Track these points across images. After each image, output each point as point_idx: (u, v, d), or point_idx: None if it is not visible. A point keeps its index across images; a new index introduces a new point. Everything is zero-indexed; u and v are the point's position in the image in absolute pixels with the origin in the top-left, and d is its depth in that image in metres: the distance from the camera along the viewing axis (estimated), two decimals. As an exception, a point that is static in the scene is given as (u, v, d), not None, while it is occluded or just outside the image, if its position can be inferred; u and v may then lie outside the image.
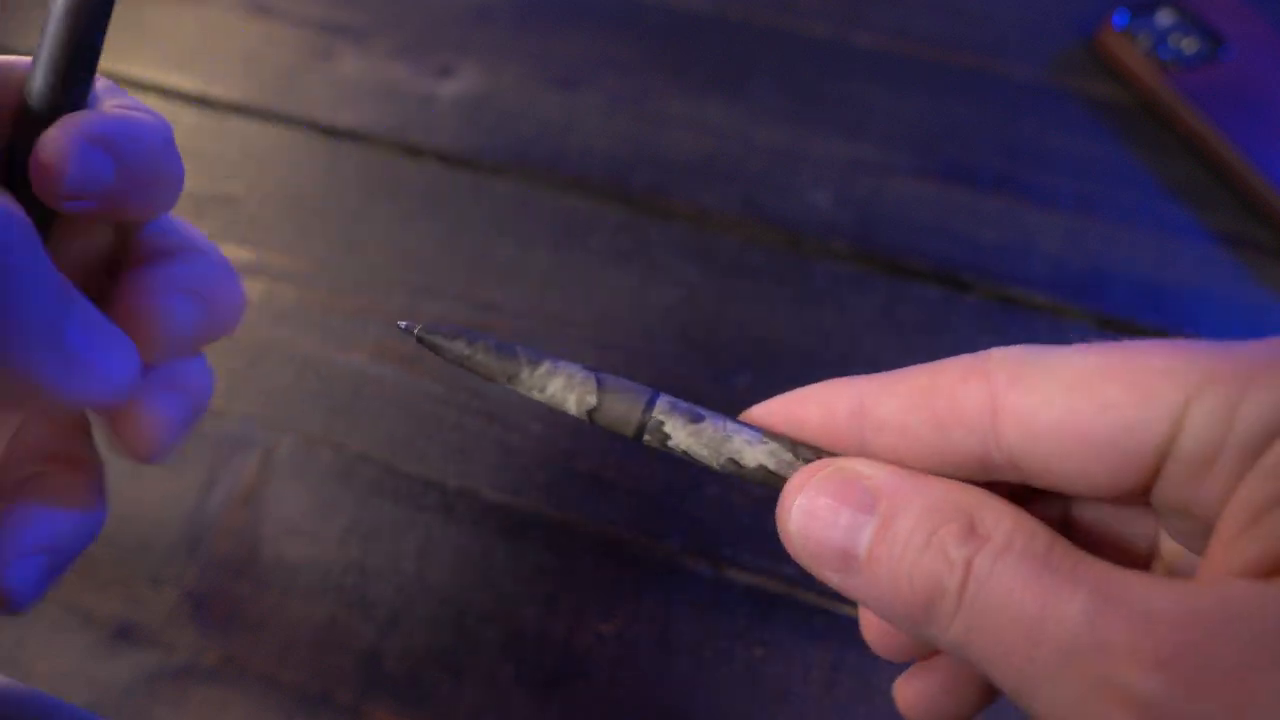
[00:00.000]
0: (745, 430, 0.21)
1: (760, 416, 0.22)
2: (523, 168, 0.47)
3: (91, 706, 0.32)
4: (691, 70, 0.51)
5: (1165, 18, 0.50)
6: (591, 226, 0.45)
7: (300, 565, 0.35)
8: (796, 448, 0.21)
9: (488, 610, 0.34)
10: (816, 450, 0.21)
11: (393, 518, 0.37)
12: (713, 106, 0.49)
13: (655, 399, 0.22)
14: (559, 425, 0.39)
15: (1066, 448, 0.18)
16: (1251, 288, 0.43)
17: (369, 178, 0.47)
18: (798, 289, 0.43)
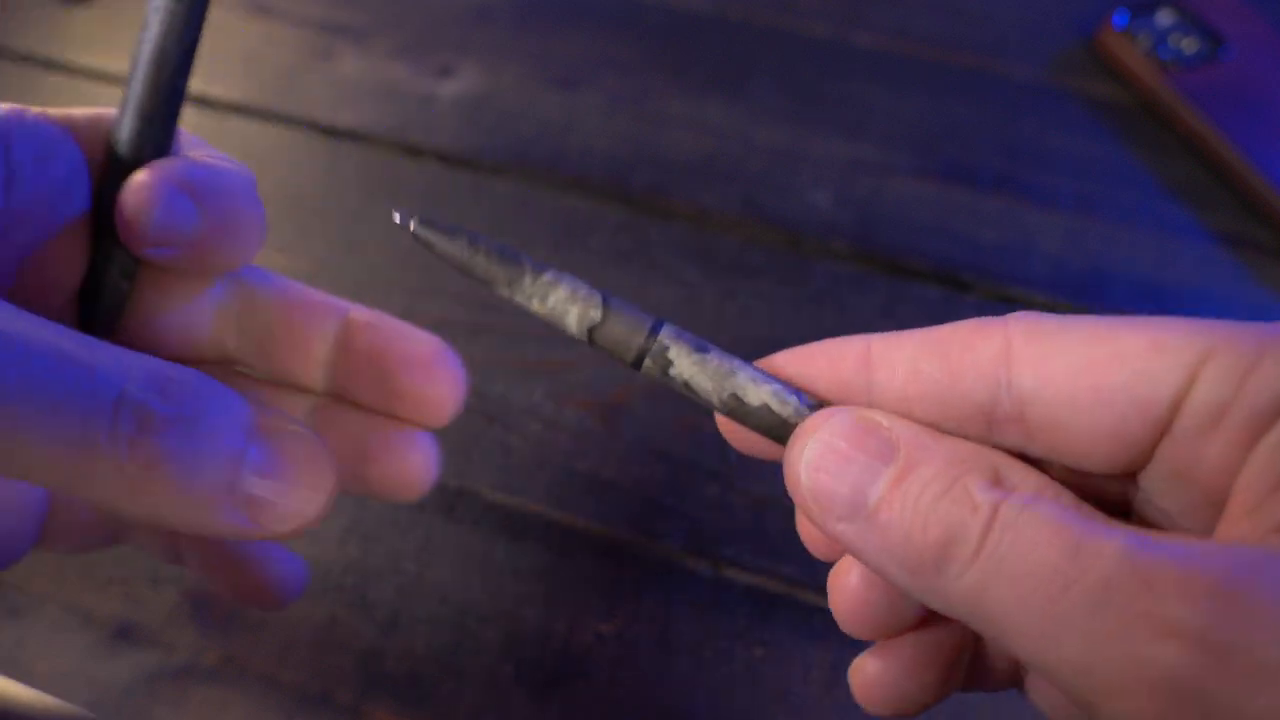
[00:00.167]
0: (752, 369, 0.21)
1: (766, 369, 0.22)
2: (523, 168, 0.47)
3: (91, 706, 0.32)
4: (691, 70, 0.51)
5: (1165, 18, 0.50)
6: (591, 226, 0.45)
7: (300, 565, 0.35)
8: (803, 393, 0.21)
9: (488, 610, 0.34)
10: (825, 402, 0.21)
11: (393, 518, 0.37)
12: (713, 106, 0.49)
13: (661, 324, 0.21)
14: (559, 426, 0.39)
15: (1080, 393, 0.18)
16: (1251, 288, 0.43)
17: (369, 178, 0.47)
18: (798, 289, 0.43)
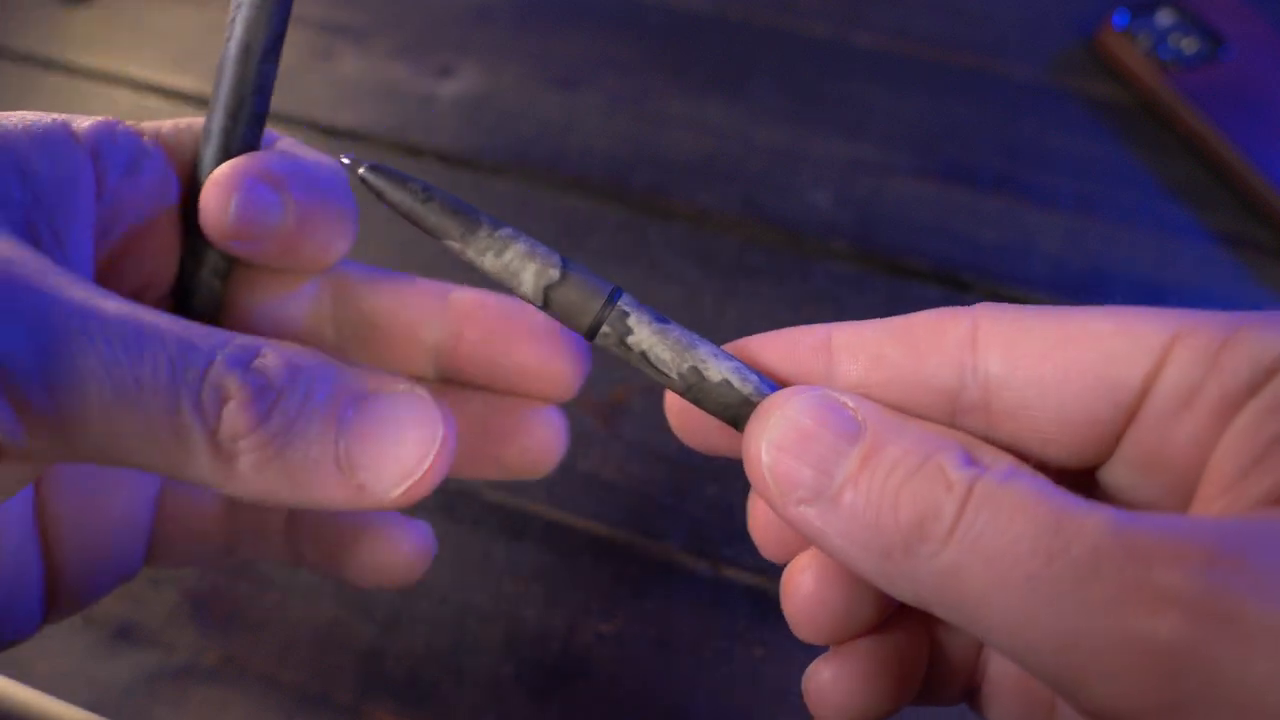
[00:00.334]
0: (712, 346, 0.20)
1: (752, 343, 0.21)
2: (523, 168, 0.47)
3: (91, 706, 0.32)
4: (691, 70, 0.51)
5: (1165, 18, 0.50)
6: (591, 226, 0.45)
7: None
8: (762, 375, 0.20)
9: (488, 610, 0.34)
10: (787, 384, 0.20)
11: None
12: (713, 106, 0.49)
13: (620, 292, 0.20)
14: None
15: (1047, 375, 0.18)
16: (1251, 288, 0.43)
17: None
18: (798, 289, 0.43)
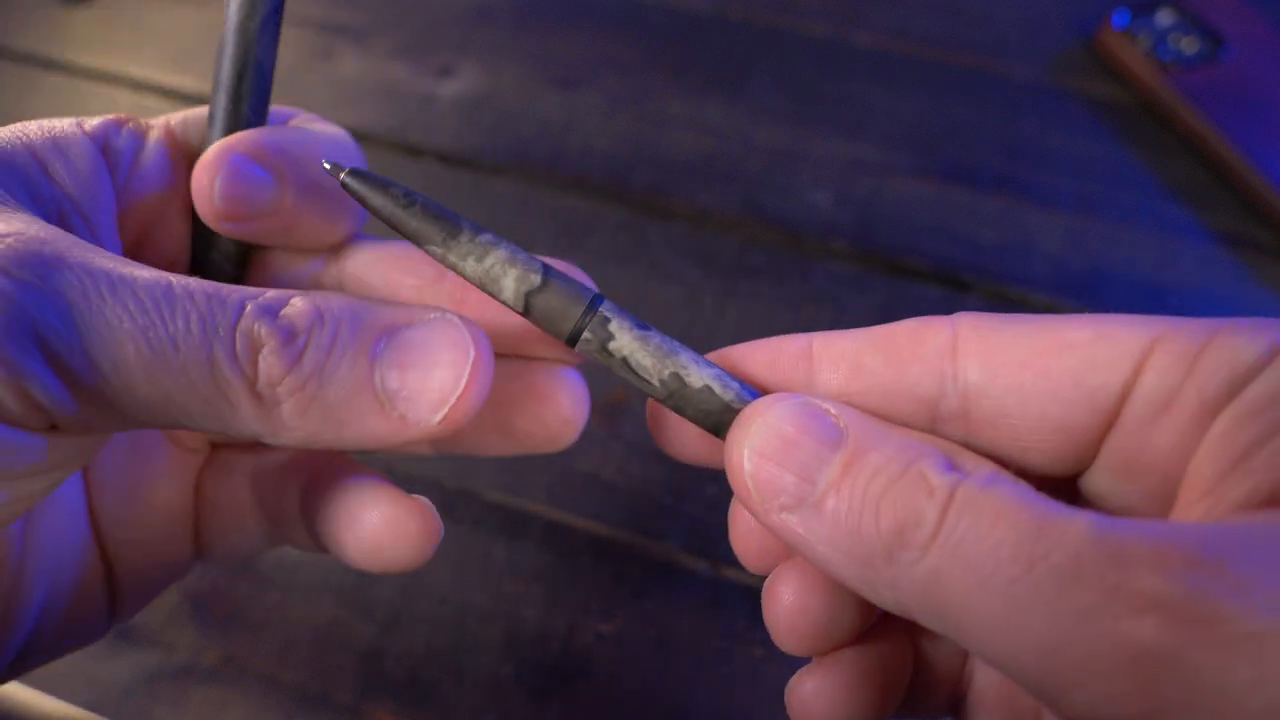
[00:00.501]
0: (693, 353, 0.20)
1: (735, 352, 0.21)
2: (523, 168, 0.47)
3: (91, 706, 0.32)
4: (691, 70, 0.51)
5: (1165, 18, 0.50)
6: (591, 226, 0.45)
7: (300, 565, 0.35)
8: (743, 382, 0.20)
9: (488, 610, 0.34)
10: (769, 391, 0.20)
11: (393, 518, 0.37)
12: (713, 106, 0.49)
13: (601, 299, 0.20)
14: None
15: (1027, 382, 0.18)
16: (1251, 288, 0.43)
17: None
18: (798, 289, 0.43)
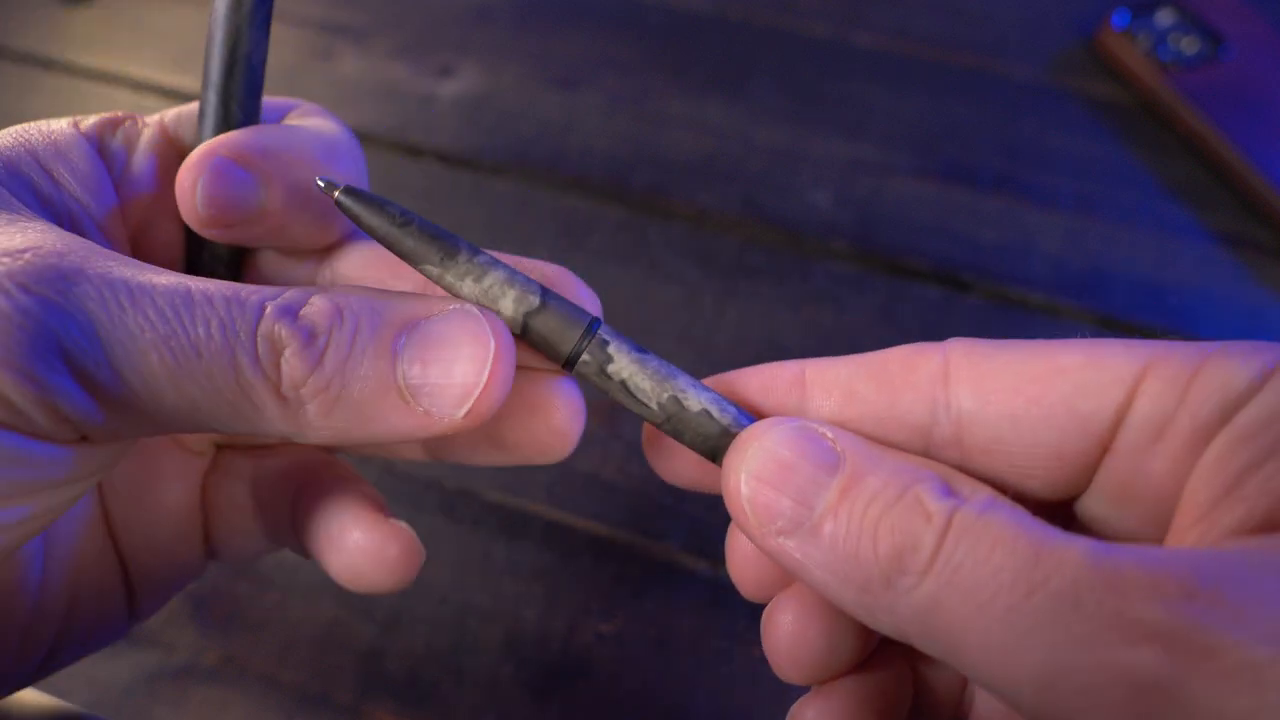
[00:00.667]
0: (690, 377, 0.20)
1: (730, 379, 0.21)
2: (523, 168, 0.47)
3: (91, 706, 0.32)
4: (691, 70, 0.51)
5: (1165, 18, 0.50)
6: (591, 226, 0.45)
7: (300, 566, 0.35)
8: (740, 408, 0.20)
9: (488, 610, 0.34)
10: (765, 416, 0.20)
11: (393, 518, 0.37)
12: (713, 106, 0.49)
13: (599, 322, 0.20)
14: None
15: (1020, 409, 0.18)
16: (1251, 288, 0.43)
17: (371, 180, 0.47)
18: (798, 289, 0.43)
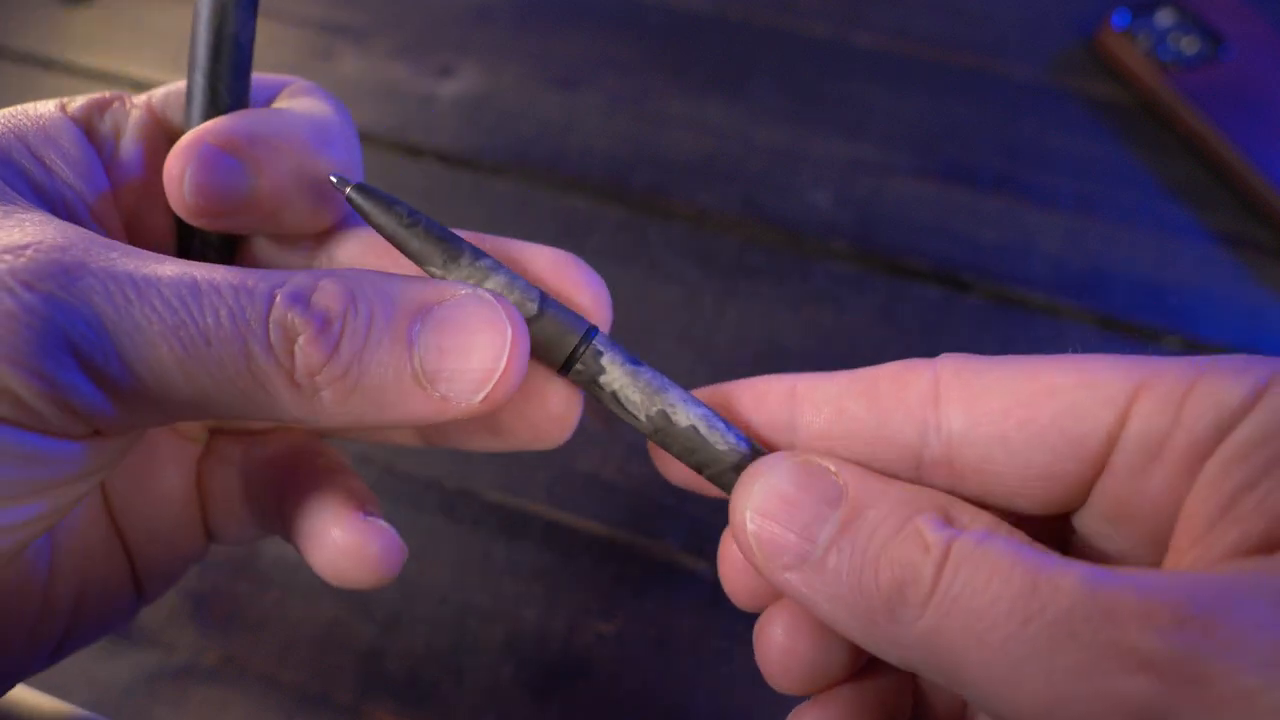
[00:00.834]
0: (683, 391, 0.20)
1: (725, 391, 0.21)
2: (523, 168, 0.47)
3: (91, 706, 0.32)
4: (691, 70, 0.51)
5: (1165, 18, 0.50)
6: (591, 226, 0.45)
7: (300, 565, 0.35)
8: (729, 424, 0.20)
9: (488, 610, 0.34)
10: (754, 434, 0.21)
11: (392, 518, 0.37)
12: (713, 106, 0.49)
13: (595, 331, 0.20)
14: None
15: (1010, 432, 0.18)
16: (1251, 288, 0.43)
17: (369, 178, 0.47)
18: (798, 289, 0.43)
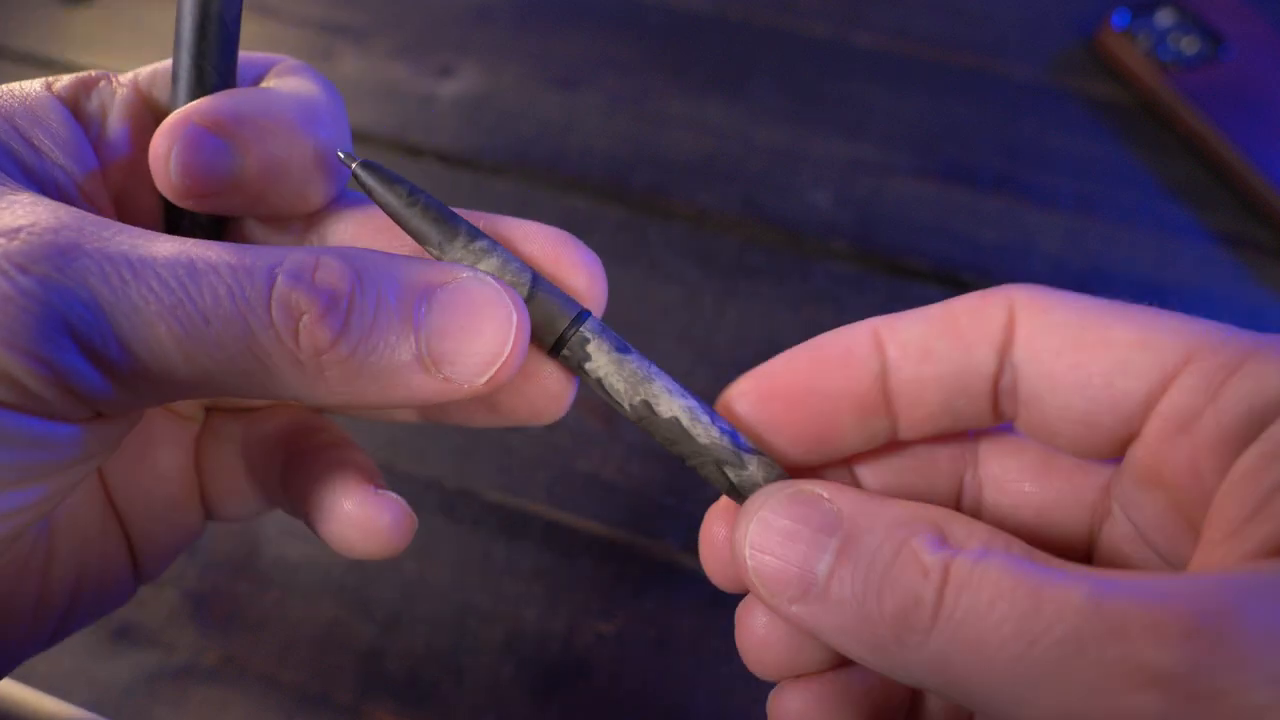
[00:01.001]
0: (670, 380, 0.20)
1: (780, 365, 0.21)
2: (523, 168, 0.47)
3: (91, 706, 0.32)
4: (691, 70, 0.51)
5: (1165, 18, 0.50)
6: (591, 226, 0.45)
7: (300, 565, 0.35)
8: (724, 420, 0.20)
9: (488, 610, 0.34)
10: (749, 434, 0.20)
11: (393, 518, 0.37)
12: (713, 106, 0.49)
13: (587, 315, 0.20)
14: (559, 425, 0.39)
15: (1059, 373, 0.18)
16: (1251, 288, 0.43)
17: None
18: (798, 289, 0.43)
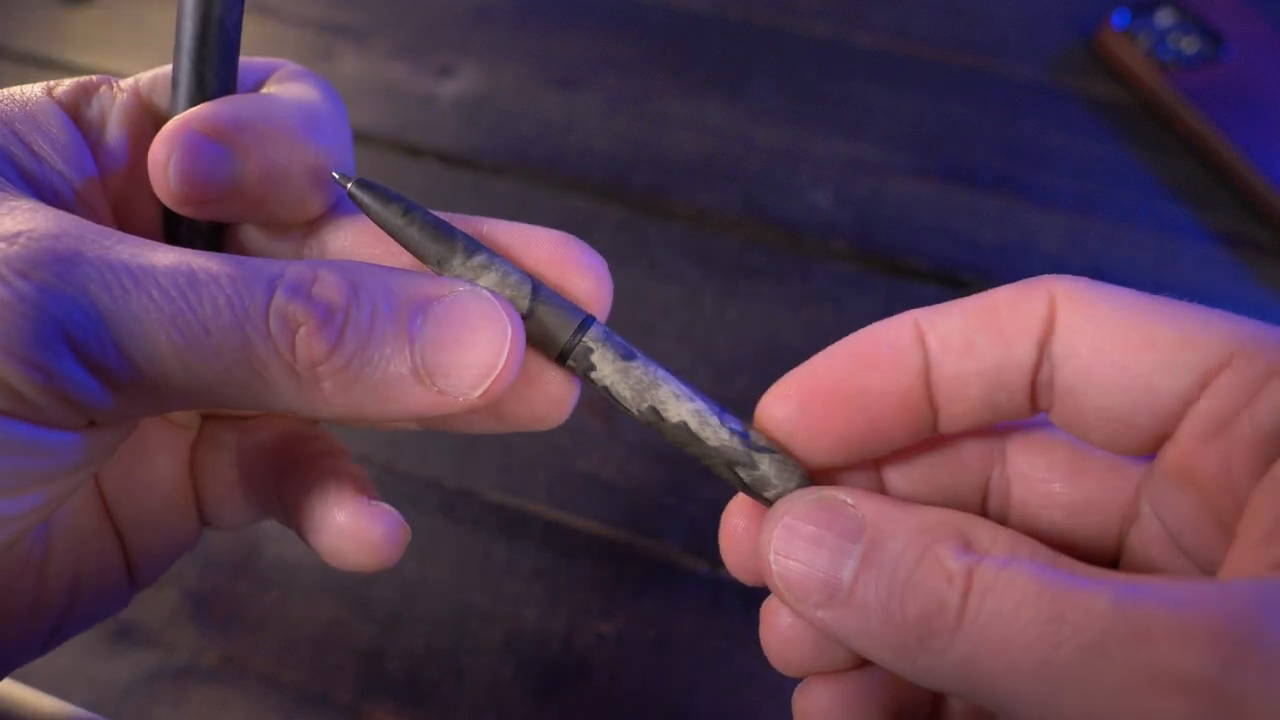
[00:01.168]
0: (677, 383, 0.20)
1: (821, 365, 0.21)
2: (523, 168, 0.47)
3: (91, 706, 0.32)
4: (691, 70, 0.51)
5: (1165, 18, 0.50)
6: (591, 226, 0.45)
7: (300, 565, 0.35)
8: (726, 415, 0.20)
9: (488, 610, 0.34)
10: (760, 432, 0.20)
11: (393, 518, 0.37)
12: (713, 106, 0.49)
13: (590, 322, 0.20)
14: (559, 425, 0.39)
15: (1100, 368, 0.18)
16: (1251, 288, 0.43)
17: (369, 178, 0.47)
18: (798, 289, 0.43)
